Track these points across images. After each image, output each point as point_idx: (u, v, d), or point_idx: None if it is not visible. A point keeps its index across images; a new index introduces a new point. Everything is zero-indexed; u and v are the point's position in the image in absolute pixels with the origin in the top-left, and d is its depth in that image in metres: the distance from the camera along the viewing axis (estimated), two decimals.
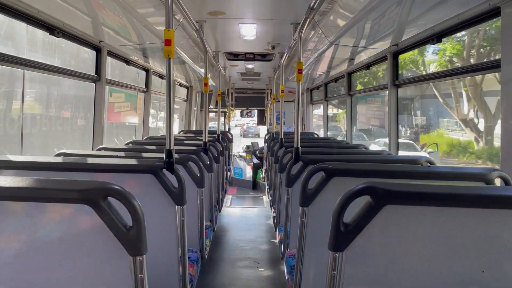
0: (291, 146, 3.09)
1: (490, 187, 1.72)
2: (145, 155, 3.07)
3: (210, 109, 9.88)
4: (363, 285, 1.33)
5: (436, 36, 3.08)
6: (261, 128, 15.73)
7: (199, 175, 2.87)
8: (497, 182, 1.92)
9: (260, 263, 4.75)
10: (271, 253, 5.12)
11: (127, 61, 4.76)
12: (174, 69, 6.01)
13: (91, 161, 2.33)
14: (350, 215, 1.30)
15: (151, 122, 6.12)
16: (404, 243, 1.30)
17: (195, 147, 3.67)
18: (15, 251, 1.35)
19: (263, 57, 5.85)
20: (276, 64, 6.49)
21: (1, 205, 1.32)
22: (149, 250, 1.33)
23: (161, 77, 6.28)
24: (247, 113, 12.03)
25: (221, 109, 6.20)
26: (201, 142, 4.05)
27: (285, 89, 4.93)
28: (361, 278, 1.33)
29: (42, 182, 1.29)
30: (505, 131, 2.26)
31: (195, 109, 9.42)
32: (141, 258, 1.31)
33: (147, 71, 5.64)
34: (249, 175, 10.33)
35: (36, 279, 1.36)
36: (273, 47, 5.19)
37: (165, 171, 2.19)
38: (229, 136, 7.67)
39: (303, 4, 2.86)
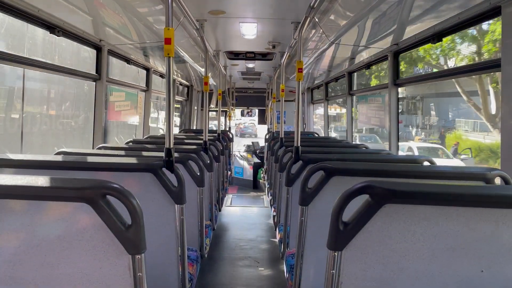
0: (291, 145, 3.09)
1: (490, 187, 1.71)
2: (145, 154, 3.07)
3: (210, 109, 9.88)
4: (362, 284, 1.33)
5: (436, 35, 3.08)
6: (261, 128, 15.66)
7: (199, 174, 2.87)
8: (497, 181, 1.92)
9: (260, 262, 4.75)
10: (271, 252, 5.12)
11: (128, 60, 4.76)
12: (174, 68, 6.01)
13: (91, 159, 2.33)
14: (349, 214, 1.30)
15: (152, 122, 6.12)
16: (403, 242, 1.29)
17: (195, 146, 3.67)
18: (14, 249, 1.35)
19: (263, 56, 5.84)
20: (276, 63, 6.48)
21: (1, 203, 1.32)
22: (148, 249, 1.33)
23: (161, 76, 6.28)
24: (248, 113, 12.01)
25: (222, 109, 6.20)
26: (202, 141, 4.05)
27: (286, 89, 4.93)
28: (360, 277, 1.32)
29: (41, 180, 1.29)
30: (505, 131, 2.26)
31: (196, 108, 9.43)
32: (140, 256, 1.31)
33: (148, 70, 5.64)
34: (250, 175, 10.34)
35: (35, 277, 1.36)
36: (273, 46, 5.18)
37: (164, 170, 2.19)
38: (230, 135, 7.67)
39: (304, 3, 2.86)
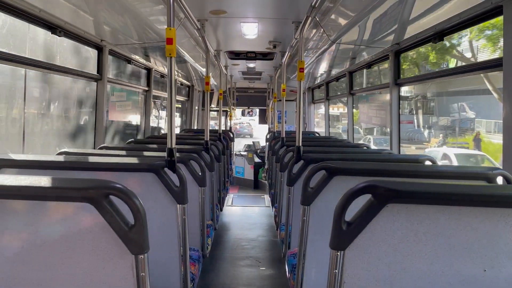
0: (293, 145, 3.09)
1: (492, 186, 1.71)
2: (147, 154, 3.08)
3: (211, 109, 9.88)
4: (364, 283, 1.33)
5: (438, 35, 3.08)
6: (260, 127, 15.60)
7: (200, 174, 2.87)
8: (499, 180, 1.92)
9: (261, 262, 4.75)
10: (272, 252, 5.12)
11: (129, 60, 4.76)
12: (175, 68, 6.01)
13: (92, 160, 2.33)
14: (351, 214, 1.30)
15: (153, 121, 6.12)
16: (405, 242, 1.29)
17: (196, 146, 3.67)
18: (17, 249, 1.35)
19: (264, 56, 5.84)
20: (277, 63, 6.48)
21: (3, 203, 1.32)
22: (150, 248, 1.33)
23: (162, 76, 6.28)
24: (249, 112, 12.00)
25: (223, 108, 6.21)
26: (203, 141, 4.05)
27: (287, 88, 4.93)
28: (362, 277, 1.32)
29: (44, 180, 1.29)
30: (507, 130, 2.25)
31: (196, 108, 9.43)
32: (142, 256, 1.31)
33: (149, 70, 5.64)
34: (251, 174, 10.34)
35: (38, 278, 1.36)
36: (274, 46, 5.18)
37: (166, 169, 2.19)
38: (231, 135, 7.67)
39: (305, 2, 2.86)
